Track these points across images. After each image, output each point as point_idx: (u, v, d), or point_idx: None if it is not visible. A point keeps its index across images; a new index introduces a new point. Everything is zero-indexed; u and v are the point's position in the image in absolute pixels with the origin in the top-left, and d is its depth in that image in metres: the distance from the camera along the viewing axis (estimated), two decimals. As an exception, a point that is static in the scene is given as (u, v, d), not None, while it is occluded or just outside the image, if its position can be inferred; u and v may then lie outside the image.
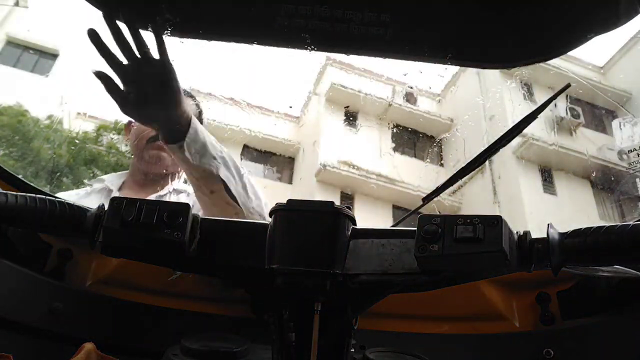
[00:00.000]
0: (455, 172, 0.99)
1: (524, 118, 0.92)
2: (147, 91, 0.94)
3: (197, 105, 1.37)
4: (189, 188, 1.36)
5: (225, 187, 1.03)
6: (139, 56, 0.92)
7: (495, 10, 0.95)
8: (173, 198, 1.37)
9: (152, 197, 1.35)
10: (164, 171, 1.36)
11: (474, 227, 0.51)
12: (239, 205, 1.04)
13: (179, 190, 1.40)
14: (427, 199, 0.98)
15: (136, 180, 1.40)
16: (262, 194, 1.14)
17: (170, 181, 1.38)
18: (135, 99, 0.94)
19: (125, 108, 0.96)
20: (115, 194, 1.36)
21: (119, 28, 0.91)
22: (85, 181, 1.52)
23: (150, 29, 0.94)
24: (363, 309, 0.60)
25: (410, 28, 0.99)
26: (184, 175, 1.36)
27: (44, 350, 0.82)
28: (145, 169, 1.36)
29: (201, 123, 1.09)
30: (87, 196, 1.40)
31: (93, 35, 0.90)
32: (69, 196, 1.44)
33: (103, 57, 0.92)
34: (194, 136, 1.00)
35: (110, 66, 0.93)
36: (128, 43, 0.92)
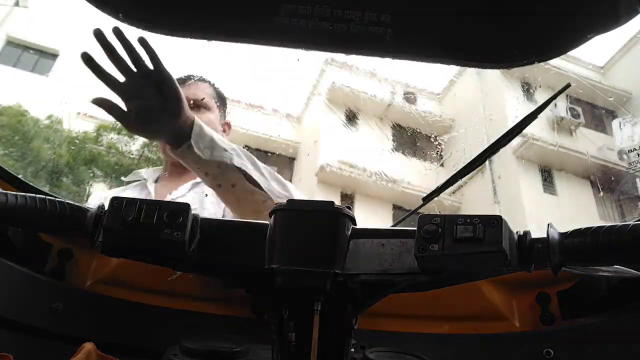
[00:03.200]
0: (455, 172, 0.99)
1: (524, 118, 0.92)
2: (149, 105, 0.94)
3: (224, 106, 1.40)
4: None
5: (245, 175, 1.00)
6: (134, 70, 0.92)
7: (495, 10, 0.95)
8: (199, 189, 1.36)
9: (188, 184, 1.34)
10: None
11: (474, 227, 0.51)
12: (264, 191, 1.01)
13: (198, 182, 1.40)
14: (427, 199, 0.98)
15: (172, 172, 1.39)
16: (284, 180, 1.11)
17: None
18: (140, 116, 0.94)
19: (131, 128, 0.96)
20: (152, 186, 1.37)
21: (111, 45, 0.90)
22: (123, 178, 1.52)
23: (150, 29, 0.94)
24: (363, 309, 0.60)
25: (410, 28, 0.99)
26: None
27: (44, 350, 0.81)
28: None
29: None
30: (124, 191, 1.41)
31: (87, 58, 0.89)
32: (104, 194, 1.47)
33: (100, 79, 0.92)
34: (200, 131, 0.97)
35: (109, 87, 0.92)
36: (122, 59, 0.92)
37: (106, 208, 0.59)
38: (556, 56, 0.98)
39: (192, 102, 1.29)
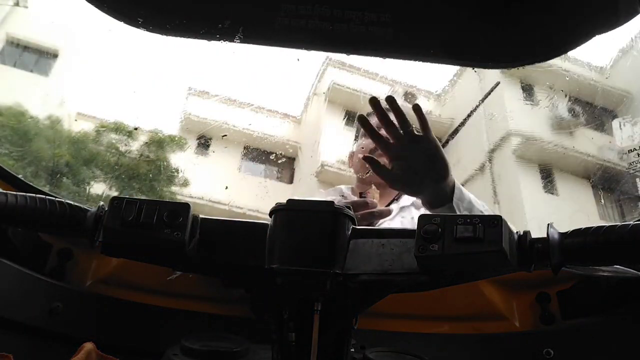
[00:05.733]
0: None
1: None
2: (416, 167, 0.99)
3: None
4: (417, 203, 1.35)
5: None
6: (404, 136, 0.98)
7: (496, 10, 0.95)
8: (415, 212, 1.35)
9: (395, 206, 1.33)
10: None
11: (474, 227, 0.51)
12: None
13: (419, 204, 1.37)
14: None
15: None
16: None
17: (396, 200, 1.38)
18: (406, 177, 1.00)
19: (395, 184, 1.02)
20: None
21: (385, 112, 0.98)
22: (322, 191, 1.52)
23: (149, 29, 0.94)
24: (363, 309, 0.60)
25: (410, 28, 0.99)
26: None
27: (44, 350, 0.82)
28: (371, 179, 1.34)
29: None
30: None
31: (363, 120, 0.99)
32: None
33: (372, 139, 1.00)
34: (460, 195, 1.01)
35: (379, 147, 1.00)
36: (394, 125, 0.98)
37: (106, 208, 0.59)
38: (556, 56, 0.98)
39: None
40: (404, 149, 0.98)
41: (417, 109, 0.99)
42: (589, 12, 0.91)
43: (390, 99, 0.99)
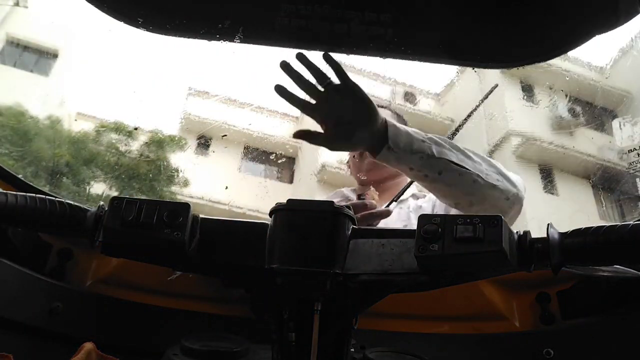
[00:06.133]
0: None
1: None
2: (345, 118, 0.97)
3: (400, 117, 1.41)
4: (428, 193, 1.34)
5: (449, 160, 0.99)
6: (323, 90, 0.97)
7: (496, 10, 0.95)
8: (412, 203, 1.35)
9: (392, 206, 1.32)
10: (387, 175, 1.37)
11: (474, 226, 0.51)
12: (471, 170, 1.00)
13: (418, 195, 1.37)
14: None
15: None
16: (490, 158, 1.08)
17: (400, 188, 1.36)
18: (340, 132, 0.98)
19: (333, 146, 1.00)
20: None
21: (297, 72, 0.96)
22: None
23: (149, 29, 0.94)
24: (363, 309, 0.60)
25: (410, 28, 0.99)
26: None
27: (44, 350, 0.82)
28: (369, 180, 1.37)
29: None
30: None
31: (281, 90, 0.96)
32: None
33: (293, 104, 0.98)
34: (395, 130, 0.98)
35: (304, 112, 0.99)
36: (310, 83, 0.96)
37: (106, 208, 0.59)
38: (556, 56, 0.99)
39: None
40: (329, 103, 0.97)
41: (327, 58, 0.97)
42: (589, 12, 0.91)
43: (300, 56, 0.97)
